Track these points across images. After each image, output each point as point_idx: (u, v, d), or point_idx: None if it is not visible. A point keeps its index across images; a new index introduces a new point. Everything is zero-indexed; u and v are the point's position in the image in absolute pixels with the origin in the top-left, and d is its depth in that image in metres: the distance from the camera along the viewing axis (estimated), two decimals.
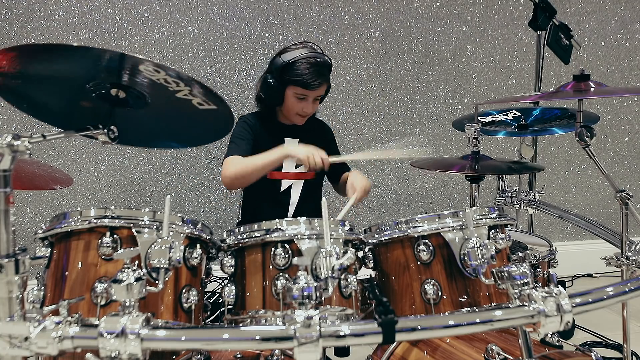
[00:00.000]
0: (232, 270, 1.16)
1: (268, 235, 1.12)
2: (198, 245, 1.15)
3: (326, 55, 1.85)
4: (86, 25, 2.51)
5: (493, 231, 1.19)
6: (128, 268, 0.80)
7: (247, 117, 1.97)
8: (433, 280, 1.16)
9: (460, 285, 1.16)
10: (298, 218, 1.14)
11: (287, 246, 1.11)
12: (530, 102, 2.04)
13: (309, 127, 2.01)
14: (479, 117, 1.74)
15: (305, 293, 0.78)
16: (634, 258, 1.40)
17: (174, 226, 1.09)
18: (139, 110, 1.13)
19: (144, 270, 0.99)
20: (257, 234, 1.14)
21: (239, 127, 1.91)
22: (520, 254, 1.67)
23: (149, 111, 1.14)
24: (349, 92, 2.80)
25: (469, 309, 1.14)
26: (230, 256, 1.17)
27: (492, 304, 1.15)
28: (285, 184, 1.95)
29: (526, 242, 1.94)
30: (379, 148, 1.70)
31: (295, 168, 1.96)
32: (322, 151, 1.71)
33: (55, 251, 1.09)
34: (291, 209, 1.98)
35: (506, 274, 0.88)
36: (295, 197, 1.97)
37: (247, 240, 1.14)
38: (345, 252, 1.08)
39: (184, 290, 1.10)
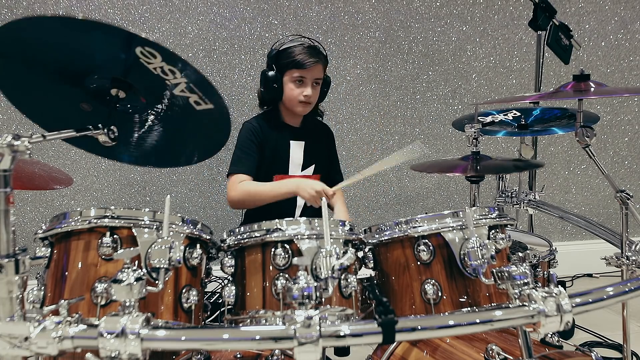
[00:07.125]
0: (232, 270, 1.16)
1: (268, 235, 1.12)
2: (198, 245, 1.15)
3: (321, 45, 1.88)
4: None
5: (493, 231, 1.19)
6: (128, 268, 0.80)
7: (252, 122, 1.96)
8: (433, 280, 1.16)
9: (460, 285, 1.16)
10: (298, 218, 1.14)
11: (287, 246, 1.11)
12: (530, 102, 2.04)
13: (313, 129, 2.01)
14: (479, 117, 1.73)
15: (305, 293, 0.78)
16: (634, 258, 1.40)
17: (174, 226, 1.09)
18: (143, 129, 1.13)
19: (144, 270, 0.99)
20: (257, 234, 1.14)
21: (244, 134, 1.91)
22: (520, 254, 1.67)
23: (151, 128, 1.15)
24: (349, 92, 2.80)
25: (469, 309, 1.14)
26: (230, 256, 1.17)
27: (492, 304, 1.15)
28: None
29: (526, 242, 1.93)
30: (374, 164, 1.67)
31: (302, 170, 1.96)
32: (325, 187, 1.72)
33: (55, 251, 1.09)
34: (297, 212, 1.98)
35: (506, 274, 0.88)
36: (302, 200, 1.97)
37: (247, 240, 1.14)
38: (345, 252, 1.07)
39: (184, 290, 1.10)
